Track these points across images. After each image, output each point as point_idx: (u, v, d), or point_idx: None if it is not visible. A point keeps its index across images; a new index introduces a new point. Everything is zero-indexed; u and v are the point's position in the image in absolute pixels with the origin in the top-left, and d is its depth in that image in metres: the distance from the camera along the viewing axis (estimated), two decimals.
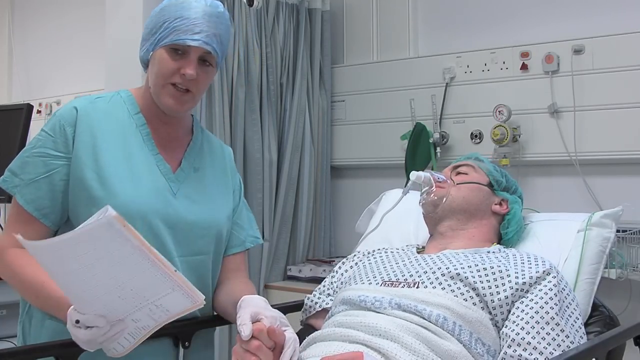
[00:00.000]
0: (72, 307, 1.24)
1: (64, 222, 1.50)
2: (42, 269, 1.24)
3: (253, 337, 1.25)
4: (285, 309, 1.86)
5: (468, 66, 2.84)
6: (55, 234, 1.49)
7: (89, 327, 1.23)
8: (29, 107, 2.19)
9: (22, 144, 2.14)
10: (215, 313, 1.67)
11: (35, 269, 1.36)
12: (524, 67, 2.69)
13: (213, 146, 1.70)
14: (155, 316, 1.26)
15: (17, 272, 1.44)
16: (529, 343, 1.34)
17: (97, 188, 1.46)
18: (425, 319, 1.37)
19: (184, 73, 1.48)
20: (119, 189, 1.47)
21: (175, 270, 1.20)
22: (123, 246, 1.14)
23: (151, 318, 1.27)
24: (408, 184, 1.76)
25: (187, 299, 1.24)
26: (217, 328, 1.97)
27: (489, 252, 1.56)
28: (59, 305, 1.32)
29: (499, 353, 1.37)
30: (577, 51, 2.56)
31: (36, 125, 3.85)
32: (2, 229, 2.19)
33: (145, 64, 1.57)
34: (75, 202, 1.48)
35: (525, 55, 2.69)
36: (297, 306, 1.83)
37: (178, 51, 1.48)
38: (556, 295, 1.40)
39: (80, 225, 1.15)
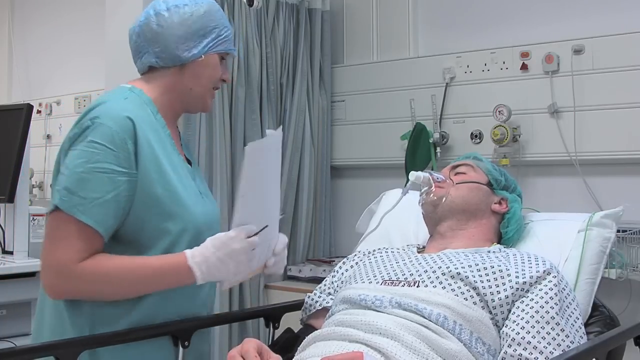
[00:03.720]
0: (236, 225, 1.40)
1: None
2: (135, 258, 1.40)
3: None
4: (285, 308, 1.86)
5: (468, 66, 2.84)
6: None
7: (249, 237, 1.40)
8: (29, 107, 2.19)
9: (22, 144, 2.14)
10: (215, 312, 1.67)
11: (133, 259, 1.41)
12: (524, 67, 2.69)
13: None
14: (263, 257, 1.45)
15: (117, 272, 1.42)
16: (529, 342, 1.34)
17: (169, 204, 1.46)
18: (426, 318, 1.37)
19: (224, 79, 1.60)
20: (189, 202, 1.50)
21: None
22: (277, 162, 1.44)
23: (263, 257, 1.46)
24: (407, 184, 1.77)
25: (270, 250, 1.47)
26: (217, 328, 1.98)
27: (489, 251, 1.57)
28: (178, 264, 1.40)
29: (499, 352, 1.37)
30: (577, 51, 2.56)
31: (36, 125, 3.87)
32: (2, 230, 2.19)
33: (180, 63, 1.54)
34: (142, 217, 1.44)
35: (525, 55, 2.69)
36: (297, 305, 1.84)
37: (223, 59, 1.58)
38: (556, 295, 1.40)
39: (262, 140, 1.42)
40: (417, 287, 1.46)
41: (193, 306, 1.57)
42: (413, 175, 1.70)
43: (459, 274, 1.45)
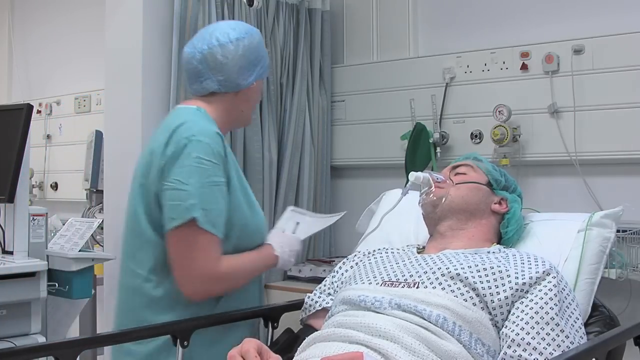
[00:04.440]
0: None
1: None
2: (242, 255, 1.70)
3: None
4: (285, 308, 1.87)
5: (468, 66, 2.84)
6: None
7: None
8: (29, 107, 2.19)
9: (22, 144, 2.14)
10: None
11: (242, 256, 1.72)
12: (524, 67, 2.69)
13: None
14: None
15: (243, 268, 1.72)
16: (528, 343, 1.34)
17: (246, 210, 1.71)
18: (425, 319, 1.37)
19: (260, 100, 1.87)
20: (258, 210, 1.79)
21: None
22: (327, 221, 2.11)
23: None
24: (407, 185, 1.77)
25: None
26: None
27: (489, 252, 1.57)
28: (269, 254, 1.79)
29: (499, 353, 1.37)
30: (577, 51, 2.56)
31: (36, 125, 3.88)
32: (2, 230, 2.19)
33: (238, 89, 1.75)
34: (229, 225, 1.65)
35: (525, 55, 2.69)
36: (297, 305, 1.84)
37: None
38: (556, 296, 1.40)
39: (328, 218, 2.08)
40: (417, 288, 1.46)
41: (258, 299, 1.87)
42: (413, 175, 1.70)
43: (458, 274, 1.45)
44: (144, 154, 1.75)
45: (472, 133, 2.78)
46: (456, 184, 1.71)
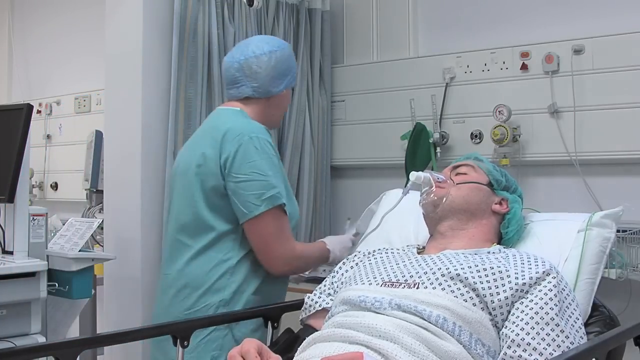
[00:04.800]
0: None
1: None
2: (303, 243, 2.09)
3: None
4: (285, 308, 1.87)
5: (468, 66, 2.84)
6: None
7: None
8: (29, 107, 2.18)
9: (22, 144, 2.14)
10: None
11: (313, 243, 2.15)
12: (524, 67, 2.69)
13: None
14: None
15: (308, 252, 2.00)
16: (528, 344, 1.34)
17: (286, 198, 1.87)
18: (425, 320, 1.37)
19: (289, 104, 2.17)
20: (294, 197, 1.99)
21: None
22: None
23: None
24: (408, 184, 1.77)
25: None
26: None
27: (489, 252, 1.57)
28: (324, 248, 2.05)
29: (499, 354, 1.37)
30: (577, 51, 2.56)
31: (36, 125, 3.88)
32: (2, 230, 2.19)
33: (270, 96, 1.98)
34: None
35: (525, 55, 2.69)
36: (297, 305, 1.84)
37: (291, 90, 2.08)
38: (556, 296, 1.40)
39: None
40: (417, 288, 1.46)
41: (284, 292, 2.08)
42: (414, 175, 1.70)
43: (458, 275, 1.45)
44: (193, 153, 1.93)
45: (472, 133, 2.79)
46: (457, 184, 1.71)
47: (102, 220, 2.61)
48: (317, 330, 1.56)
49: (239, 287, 1.86)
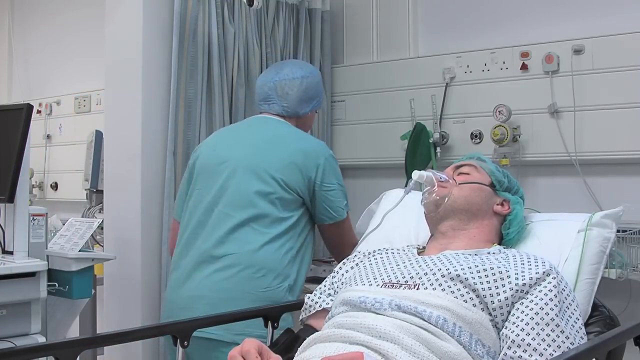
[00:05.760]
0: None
1: None
2: None
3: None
4: (285, 308, 1.87)
5: (468, 66, 2.84)
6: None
7: None
8: (29, 107, 2.18)
9: (22, 144, 2.14)
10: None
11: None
12: (524, 67, 2.69)
13: None
14: None
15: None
16: (528, 344, 1.34)
17: None
18: (425, 321, 1.37)
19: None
20: None
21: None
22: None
23: None
24: (410, 184, 1.76)
25: None
26: None
27: (489, 253, 1.56)
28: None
29: (499, 354, 1.37)
30: (577, 51, 2.56)
31: (36, 125, 3.87)
32: (2, 230, 2.20)
33: (297, 116, 2.20)
34: None
35: (525, 55, 2.69)
36: (296, 305, 1.84)
37: (316, 112, 2.31)
38: (556, 297, 1.40)
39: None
40: (417, 289, 1.46)
41: None
42: (416, 174, 1.70)
43: (458, 276, 1.45)
44: (257, 152, 2.07)
45: (472, 133, 2.79)
46: (459, 184, 1.71)
47: (102, 220, 2.61)
48: (317, 331, 1.56)
49: (298, 275, 2.04)
